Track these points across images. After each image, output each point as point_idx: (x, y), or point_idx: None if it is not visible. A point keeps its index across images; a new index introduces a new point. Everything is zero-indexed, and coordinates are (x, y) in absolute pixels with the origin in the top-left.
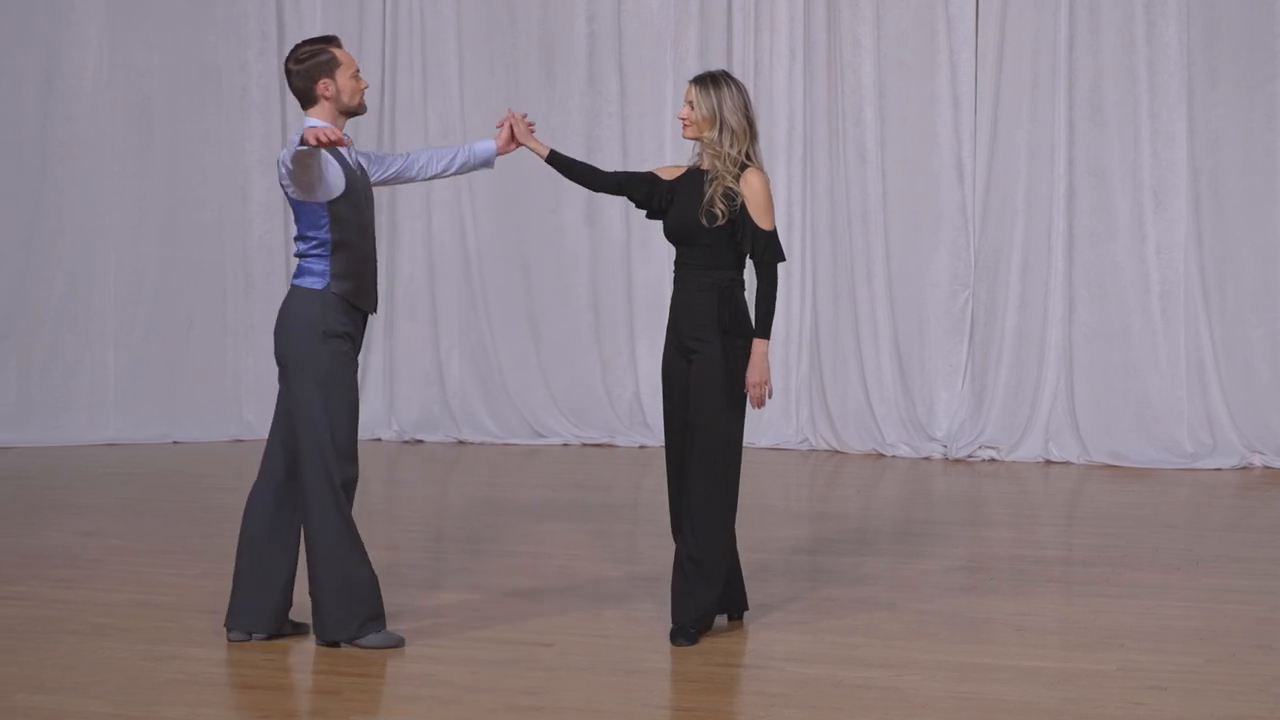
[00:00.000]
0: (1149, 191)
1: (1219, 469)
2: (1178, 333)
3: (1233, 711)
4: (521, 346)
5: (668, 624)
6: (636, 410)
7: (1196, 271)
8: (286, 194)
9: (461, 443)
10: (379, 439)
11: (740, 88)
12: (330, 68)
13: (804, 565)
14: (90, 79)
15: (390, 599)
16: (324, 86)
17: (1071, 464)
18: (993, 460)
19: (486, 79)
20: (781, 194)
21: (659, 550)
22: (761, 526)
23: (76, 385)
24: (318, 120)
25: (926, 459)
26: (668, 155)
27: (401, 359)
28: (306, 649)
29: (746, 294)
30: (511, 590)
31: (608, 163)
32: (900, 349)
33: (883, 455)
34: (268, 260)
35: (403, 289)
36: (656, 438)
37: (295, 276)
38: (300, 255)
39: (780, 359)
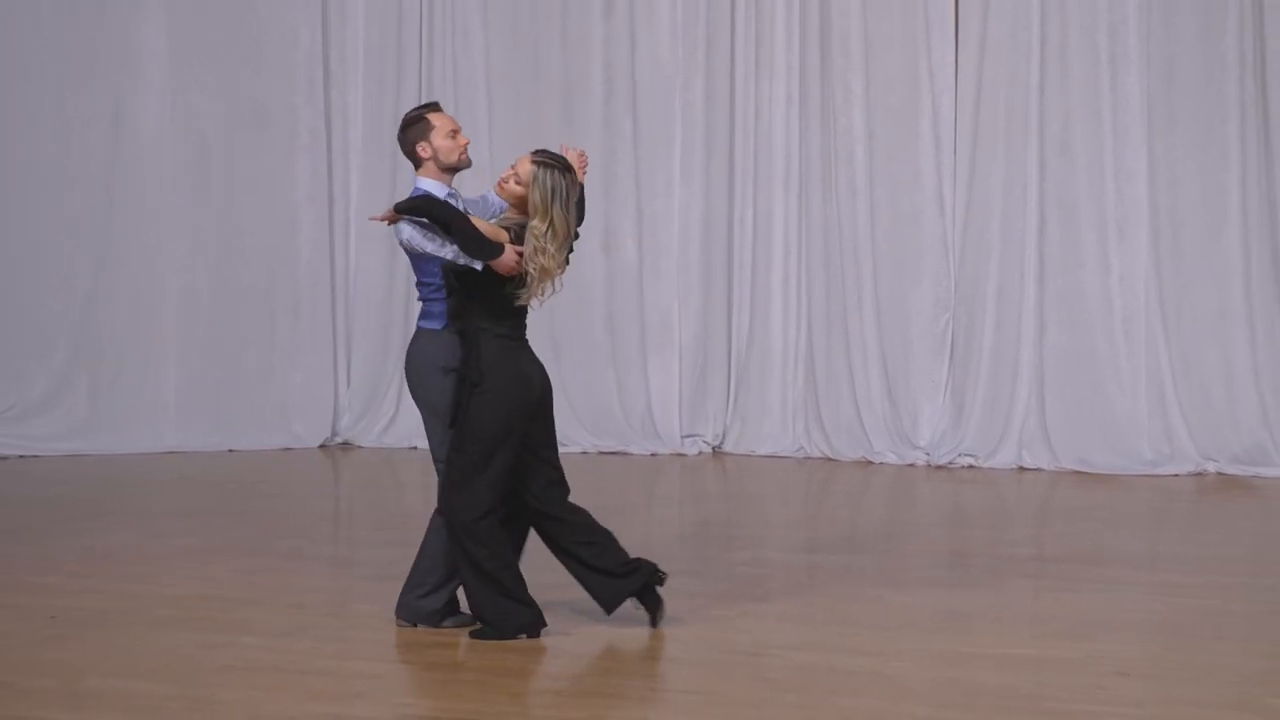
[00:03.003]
0: (1113, 225)
1: (1176, 475)
2: (1139, 353)
3: (1189, 695)
4: (544, 364)
5: (678, 615)
6: (648, 422)
7: (1156, 298)
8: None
9: None
10: (415, 447)
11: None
12: (424, 131)
13: (800, 562)
14: (154, 120)
15: None
16: (422, 149)
17: (1043, 470)
18: (971, 467)
19: (512, 122)
20: (779, 227)
21: (668, 548)
22: (761, 527)
23: (140, 399)
24: (428, 180)
25: (911, 466)
26: (676, 191)
27: None
28: (345, 638)
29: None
30: (535, 584)
31: (622, 198)
32: (887, 366)
33: (871, 462)
34: (314, 286)
35: None
36: (666, 446)
37: (420, 319)
38: (423, 300)
39: (779, 376)
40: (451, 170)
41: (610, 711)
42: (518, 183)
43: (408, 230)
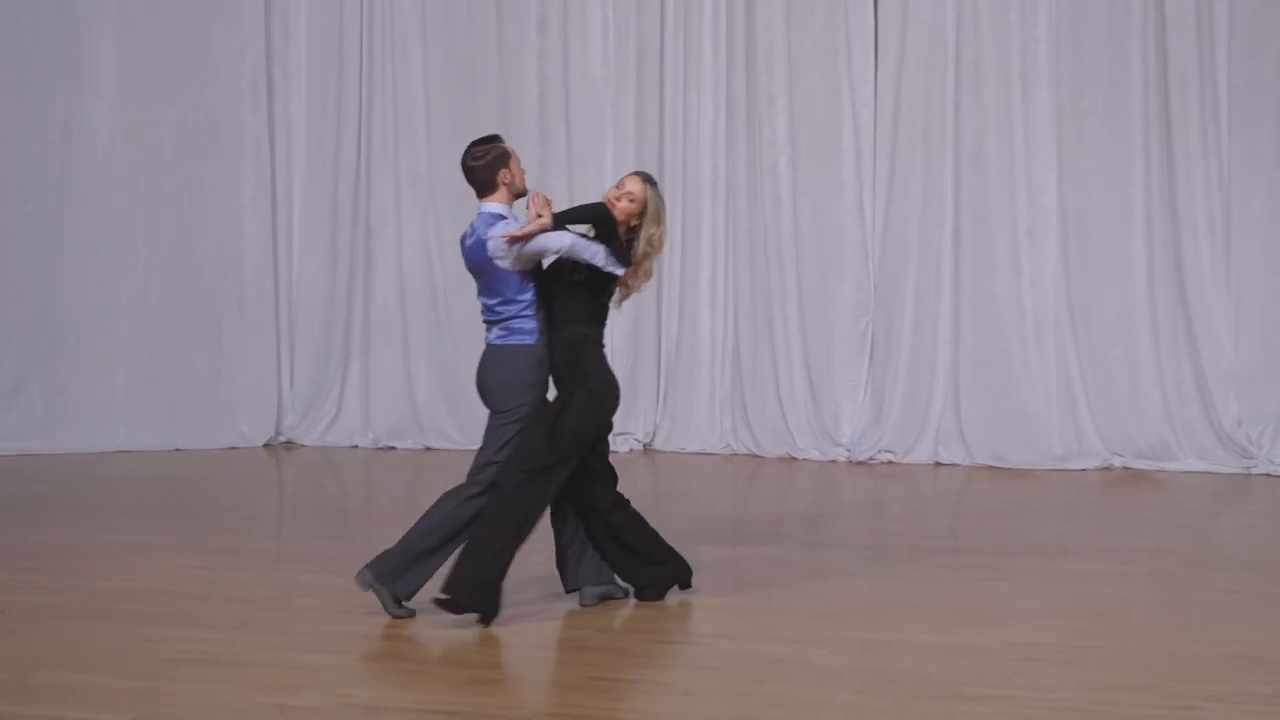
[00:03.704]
0: (1024, 232)
1: (1084, 469)
2: (1049, 353)
3: (1097, 679)
4: (482, 367)
5: (613, 606)
6: None
7: (1064, 301)
8: (482, 267)
9: (429, 449)
10: (355, 446)
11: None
12: (506, 159)
13: (728, 555)
14: (104, 130)
15: None
16: (504, 175)
17: (958, 465)
18: (890, 463)
19: (450, 133)
20: (706, 233)
21: None
22: (691, 521)
23: (92, 400)
24: (497, 205)
25: (833, 462)
26: None
27: (376, 376)
28: (289, 631)
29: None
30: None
31: (555, 205)
32: (810, 366)
33: (795, 459)
34: (258, 289)
35: (377, 315)
36: None
37: (509, 336)
38: (511, 318)
39: (706, 376)
40: (518, 195)
41: (544, 699)
42: (631, 200)
43: (570, 238)
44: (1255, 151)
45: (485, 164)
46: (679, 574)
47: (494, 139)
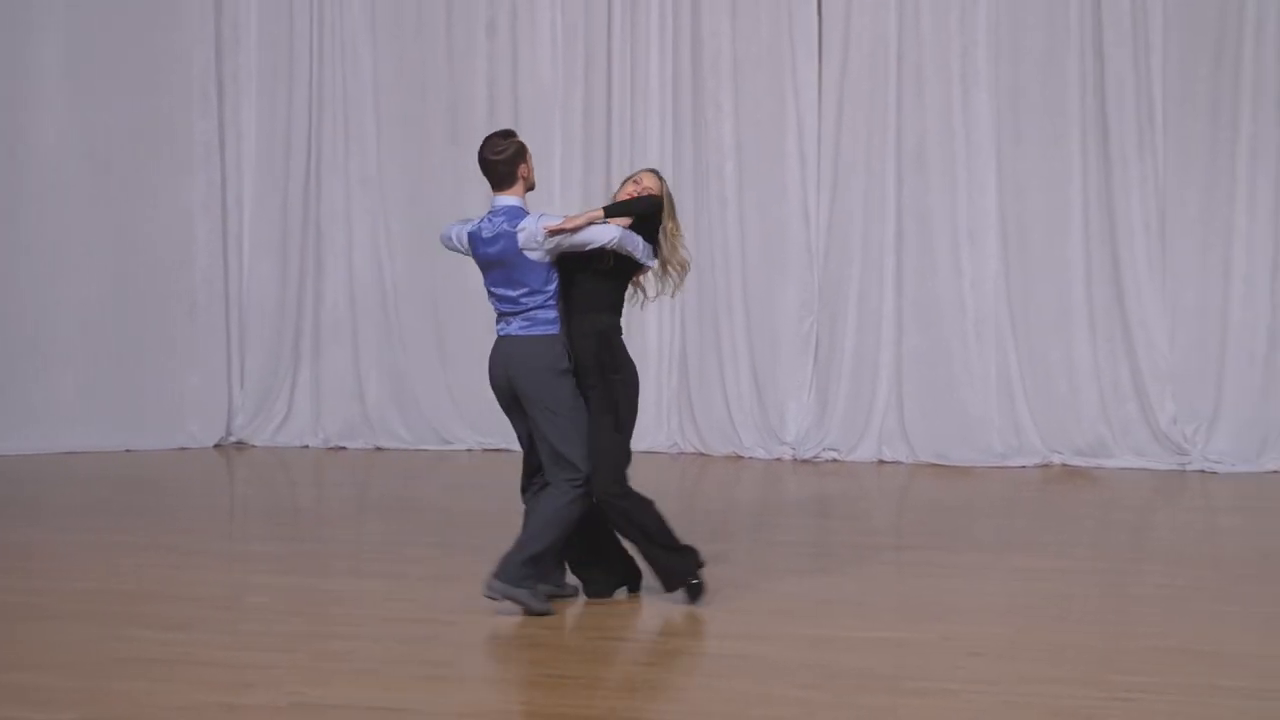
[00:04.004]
0: (965, 233)
1: (1024, 466)
2: (989, 352)
3: (1038, 673)
4: (431, 366)
5: (559, 604)
6: None
7: (1004, 301)
8: (508, 258)
9: (379, 449)
10: (306, 446)
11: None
12: (524, 153)
13: None
14: (53, 134)
15: (318, 585)
16: (522, 169)
17: (901, 463)
18: (834, 461)
19: (400, 136)
20: None
21: None
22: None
23: (43, 402)
24: (514, 198)
25: (778, 460)
26: (556, 203)
27: (326, 377)
28: (238, 630)
29: None
30: (423, 576)
31: None
32: (756, 366)
33: (741, 457)
34: (209, 291)
35: (328, 317)
36: None
37: (533, 327)
38: (531, 309)
39: (653, 376)
40: (530, 189)
41: (491, 696)
42: (652, 190)
43: (619, 231)
44: (1189, 154)
45: (507, 158)
46: (628, 576)
47: (511, 133)
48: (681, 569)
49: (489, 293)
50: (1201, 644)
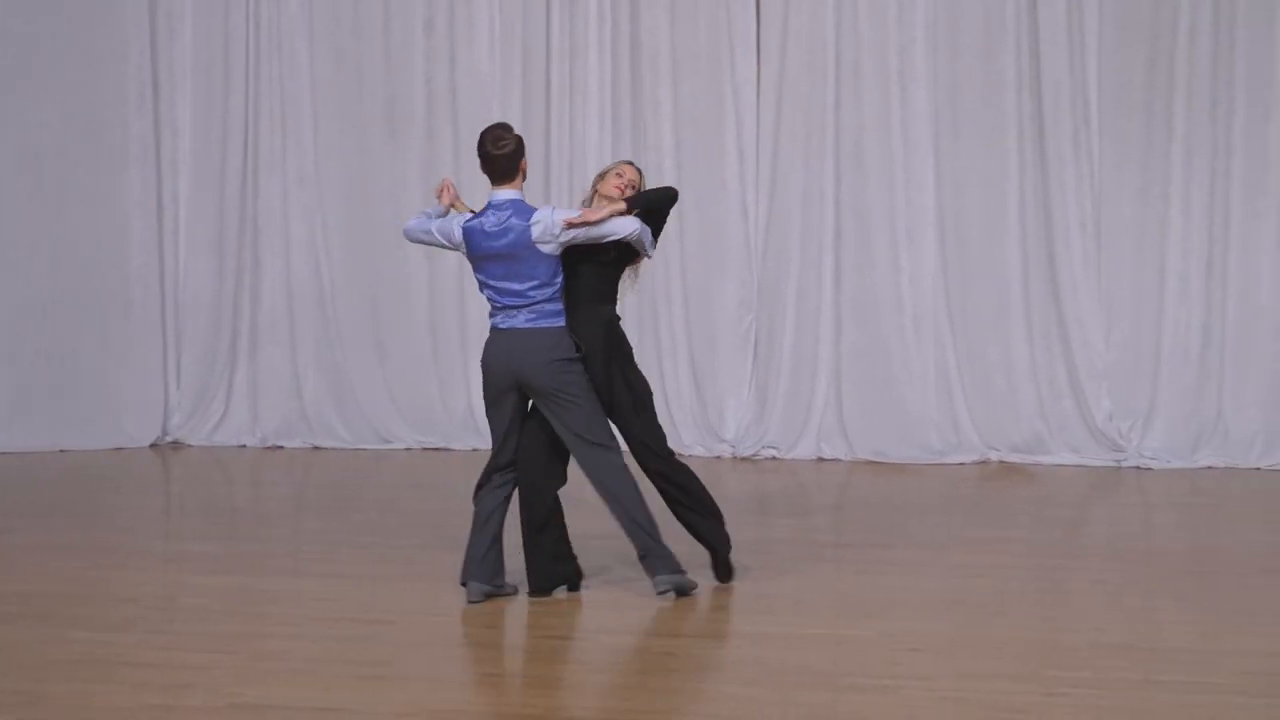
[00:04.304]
0: (903, 230)
1: (962, 463)
2: (927, 349)
3: (976, 669)
4: (369, 364)
5: (498, 603)
6: (469, 419)
7: (943, 297)
8: (517, 252)
9: (317, 448)
10: (243, 445)
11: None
12: (524, 147)
13: (613, 550)
14: None
15: (255, 585)
16: (524, 163)
17: (840, 460)
18: (774, 458)
19: (337, 133)
20: None
21: None
22: (576, 517)
23: None
24: (514, 191)
25: (718, 458)
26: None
27: (264, 376)
28: (175, 631)
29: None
30: (361, 575)
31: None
32: (695, 364)
33: (680, 455)
34: (144, 290)
35: (265, 316)
36: (486, 442)
37: (541, 319)
38: (539, 301)
39: None
40: (524, 181)
41: (429, 695)
42: (633, 188)
43: (638, 223)
44: (1124, 154)
45: (510, 152)
46: (570, 575)
47: (509, 126)
48: (726, 537)
49: (485, 286)
50: (1138, 639)
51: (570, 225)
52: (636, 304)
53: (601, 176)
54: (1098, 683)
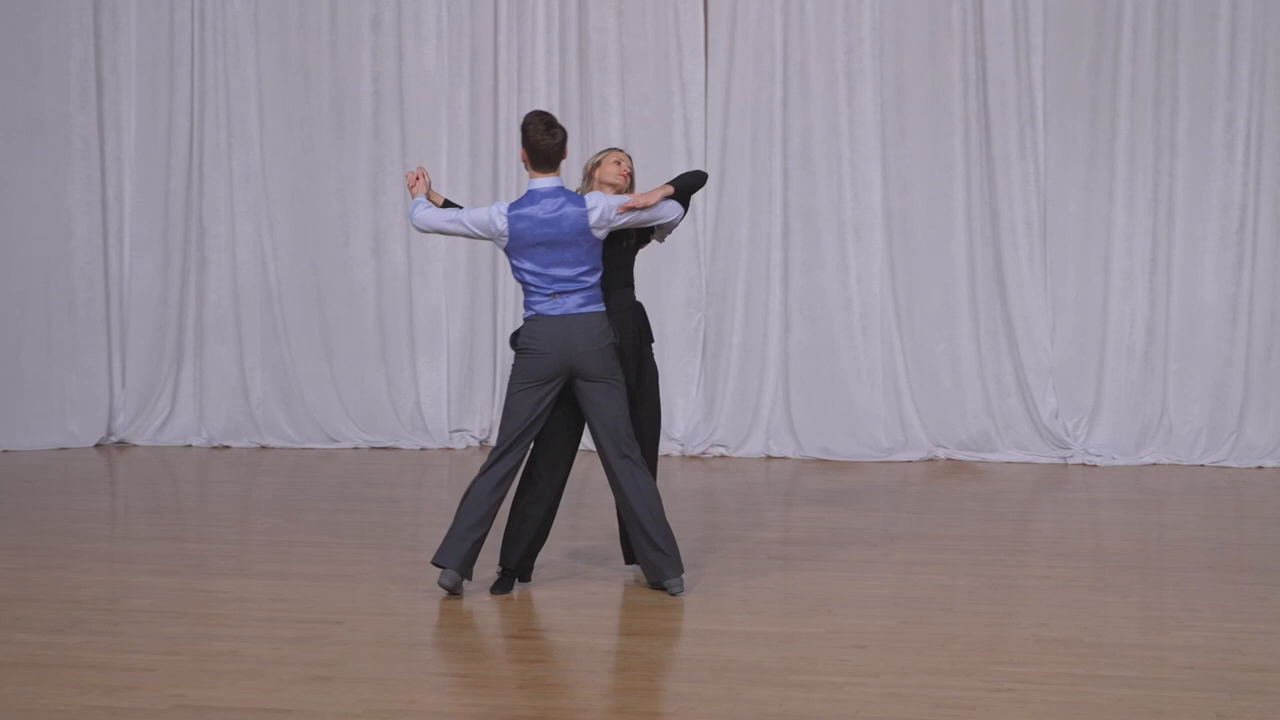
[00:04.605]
0: (850, 229)
1: (910, 461)
2: (875, 347)
3: (921, 665)
4: (317, 363)
5: (447, 602)
6: (418, 418)
7: (890, 296)
8: (572, 238)
9: (264, 448)
10: (190, 445)
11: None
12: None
13: (562, 548)
14: None
15: (201, 586)
16: (564, 152)
17: (788, 458)
18: (723, 456)
19: (284, 131)
20: None
21: (436, 538)
22: None
23: None
24: (557, 179)
25: (666, 456)
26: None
27: (210, 375)
28: (119, 632)
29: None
30: (309, 575)
31: (390, 205)
32: None
33: None
34: (89, 289)
35: (211, 314)
36: (435, 441)
37: (583, 305)
38: (590, 286)
39: None
40: None
41: (377, 696)
42: (630, 171)
43: (679, 207)
44: (1069, 154)
45: (560, 141)
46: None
47: (553, 115)
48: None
49: (528, 273)
50: (1082, 634)
51: (628, 209)
52: None
53: (596, 164)
54: (1042, 678)
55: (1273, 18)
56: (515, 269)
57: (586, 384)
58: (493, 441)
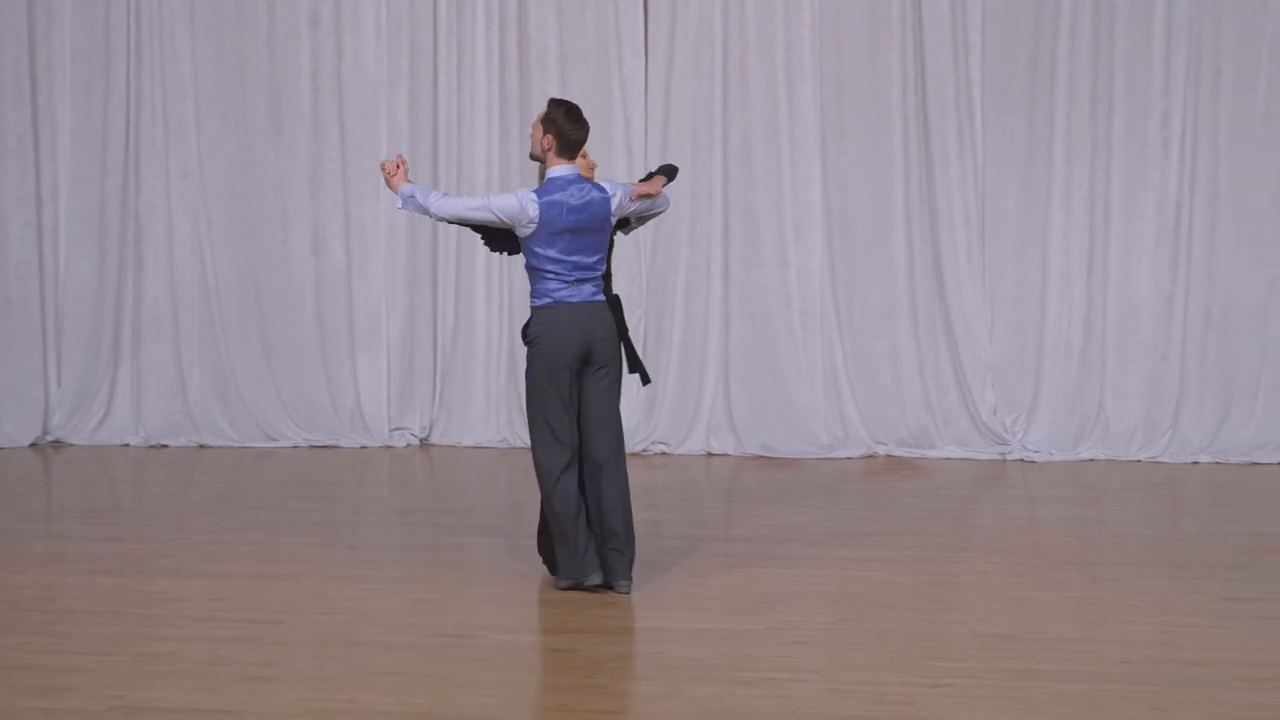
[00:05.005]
0: (790, 226)
1: (850, 457)
2: (815, 344)
3: (861, 661)
4: (255, 362)
5: (387, 601)
6: (357, 416)
7: (830, 293)
8: (597, 225)
9: (202, 446)
10: (127, 444)
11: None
12: None
13: (501, 547)
14: None
15: (139, 586)
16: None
17: (729, 455)
18: (664, 454)
19: (221, 129)
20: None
21: (379, 537)
22: (467, 515)
23: None
24: (573, 166)
25: None
26: (382, 195)
27: (147, 373)
28: (55, 632)
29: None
30: (248, 575)
31: (330, 202)
32: None
33: None
34: (23, 287)
35: (148, 312)
36: (375, 439)
37: (595, 293)
38: (600, 274)
39: (482, 371)
40: None
41: (315, 695)
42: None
43: (669, 198)
44: (1007, 151)
45: (585, 132)
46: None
47: (577, 107)
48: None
49: (549, 260)
50: (1020, 629)
51: (642, 196)
52: (525, 300)
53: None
54: (981, 673)
55: (1208, 16)
56: (535, 255)
57: (598, 372)
58: (434, 439)
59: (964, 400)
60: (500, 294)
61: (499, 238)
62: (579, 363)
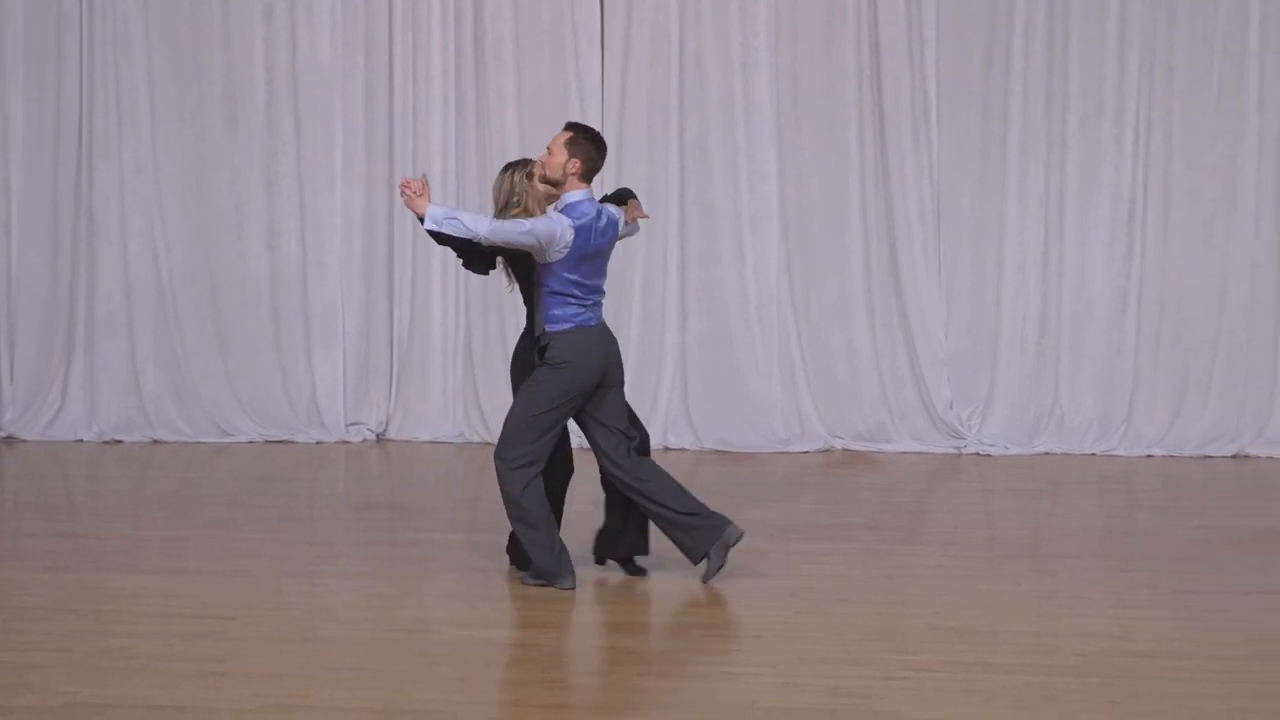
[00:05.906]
0: (747, 220)
1: (806, 451)
2: (772, 338)
3: (816, 654)
4: (210, 357)
5: (343, 596)
6: (313, 411)
7: (786, 287)
8: (610, 248)
9: (157, 442)
10: (81, 440)
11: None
12: None
13: (459, 542)
14: None
15: (93, 582)
16: None
17: (686, 450)
18: None
19: (175, 122)
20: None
21: (336, 532)
22: (423, 509)
23: None
24: (588, 190)
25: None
26: (338, 189)
27: (101, 369)
28: (9, 629)
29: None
30: (203, 571)
31: (285, 196)
32: None
33: None
34: None
35: (101, 308)
36: (331, 435)
37: (602, 314)
38: (603, 295)
39: (439, 365)
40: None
41: (272, 691)
42: None
43: None
44: (962, 147)
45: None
46: None
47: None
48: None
49: (572, 285)
50: (975, 622)
51: (638, 218)
52: (482, 295)
53: (530, 174)
54: (936, 665)
55: (1161, 12)
56: (559, 280)
57: (611, 391)
58: (390, 434)
59: (920, 394)
60: (456, 289)
61: (479, 257)
62: (596, 385)
